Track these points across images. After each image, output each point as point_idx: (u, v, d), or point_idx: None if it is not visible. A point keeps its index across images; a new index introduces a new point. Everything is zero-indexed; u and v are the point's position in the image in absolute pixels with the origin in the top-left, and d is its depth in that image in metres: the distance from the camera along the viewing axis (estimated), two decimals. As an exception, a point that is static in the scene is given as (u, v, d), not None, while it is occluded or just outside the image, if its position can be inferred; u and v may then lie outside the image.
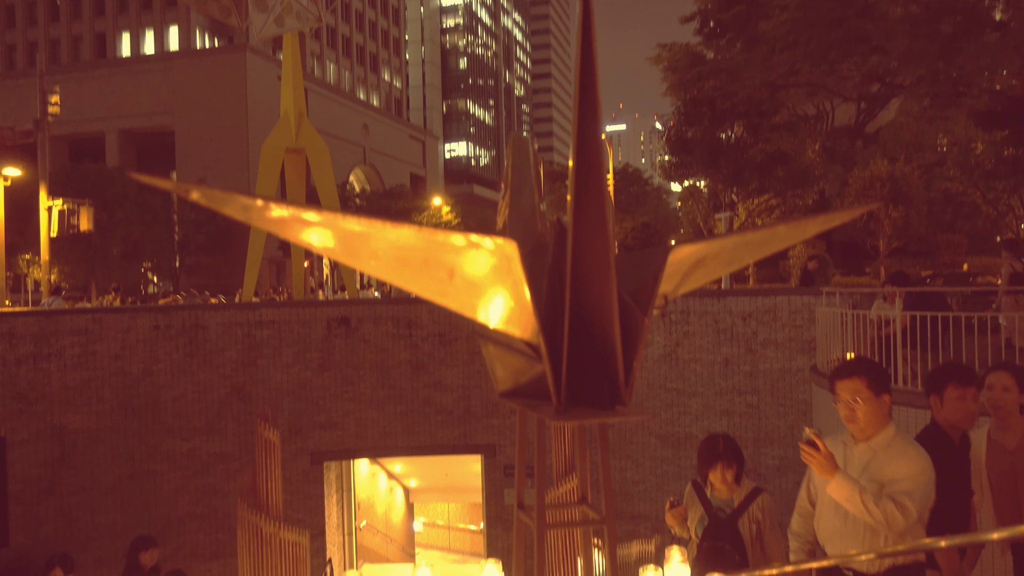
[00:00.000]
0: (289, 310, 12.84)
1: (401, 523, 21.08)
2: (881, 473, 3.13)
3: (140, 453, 12.03)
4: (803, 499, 3.55)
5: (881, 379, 3.26)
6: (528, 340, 1.12)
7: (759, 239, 1.09)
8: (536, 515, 1.11)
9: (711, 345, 12.26)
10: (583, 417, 1.05)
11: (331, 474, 13.68)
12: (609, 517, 1.15)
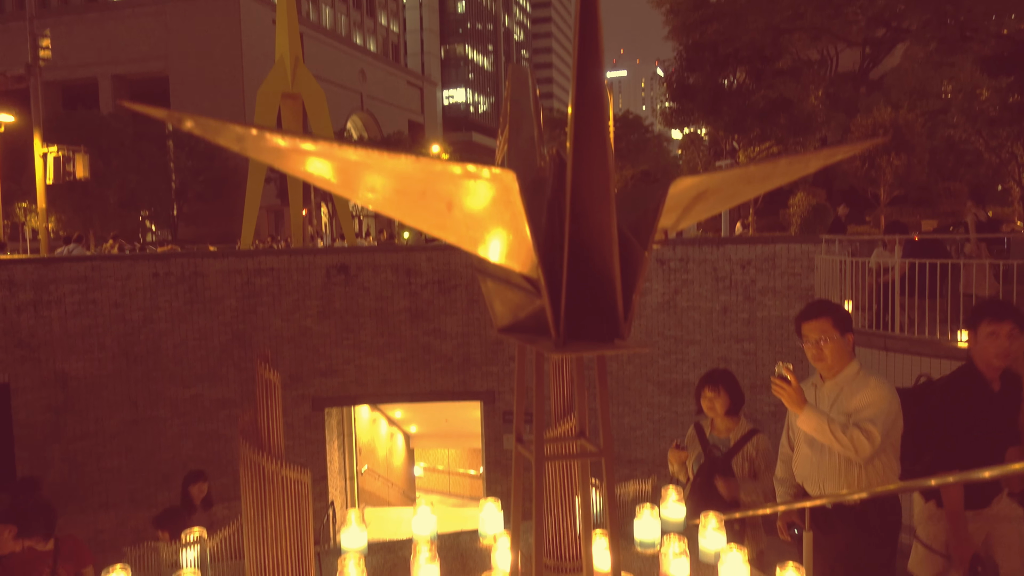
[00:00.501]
0: (288, 258, 12.83)
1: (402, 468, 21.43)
2: (847, 404, 3.33)
3: (143, 399, 12.15)
4: (784, 446, 3.75)
5: (845, 319, 3.47)
6: (527, 275, 1.12)
7: (760, 173, 1.08)
8: (535, 447, 1.12)
9: (709, 293, 12.29)
10: (582, 350, 1.05)
11: (332, 420, 13.85)
12: (607, 449, 1.16)
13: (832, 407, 3.40)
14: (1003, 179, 27.48)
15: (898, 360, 7.89)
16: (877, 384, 3.34)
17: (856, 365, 3.44)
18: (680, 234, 17.10)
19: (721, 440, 4.06)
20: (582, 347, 1.05)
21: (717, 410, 4.05)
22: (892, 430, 3.28)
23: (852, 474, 3.34)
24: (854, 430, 3.21)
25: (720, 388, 4.07)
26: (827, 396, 3.45)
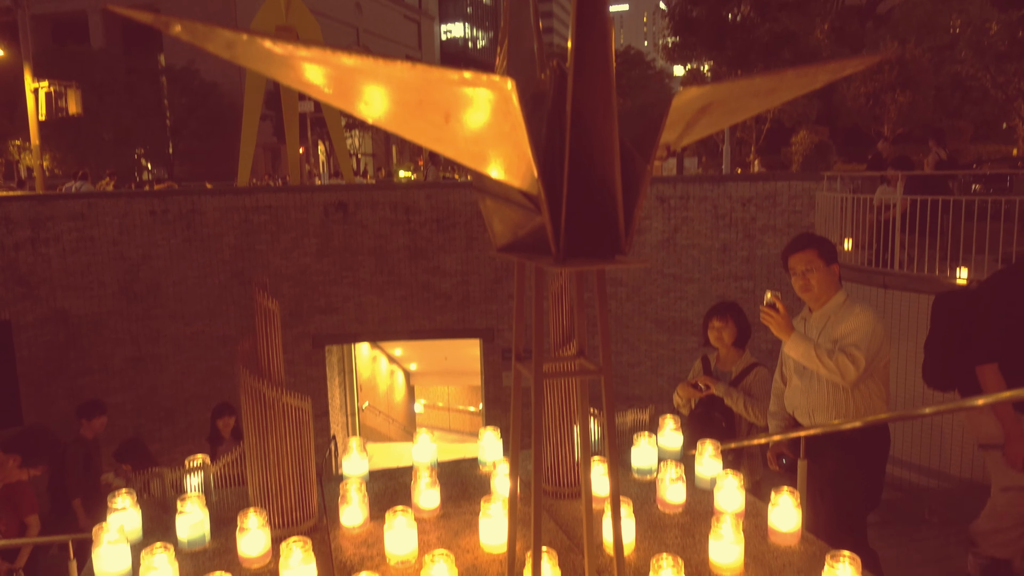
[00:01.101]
0: (286, 195, 12.74)
1: (402, 405, 21.70)
2: (834, 332, 3.42)
3: (144, 337, 12.22)
4: (777, 381, 3.82)
5: (830, 250, 3.51)
6: (526, 191, 1.10)
7: (767, 85, 1.05)
8: (534, 365, 1.12)
9: (709, 231, 12.26)
10: (582, 265, 1.04)
11: (333, 357, 13.97)
12: (606, 368, 1.16)
13: (820, 336, 3.47)
14: (1008, 116, 27.13)
15: (896, 297, 7.92)
16: (862, 311, 3.40)
17: (843, 295, 3.50)
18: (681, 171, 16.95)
19: (724, 373, 4.12)
20: (582, 262, 1.04)
21: (724, 340, 4.10)
22: (877, 356, 3.35)
23: (840, 401, 3.41)
24: (840, 355, 3.29)
25: (728, 318, 4.12)
26: (815, 326, 3.52)
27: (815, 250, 3.46)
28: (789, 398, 3.64)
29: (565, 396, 2.59)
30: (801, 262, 3.46)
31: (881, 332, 3.35)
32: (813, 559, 2.17)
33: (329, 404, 13.54)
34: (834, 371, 3.29)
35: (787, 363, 3.67)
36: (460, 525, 2.45)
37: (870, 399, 3.40)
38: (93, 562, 2.13)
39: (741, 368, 4.08)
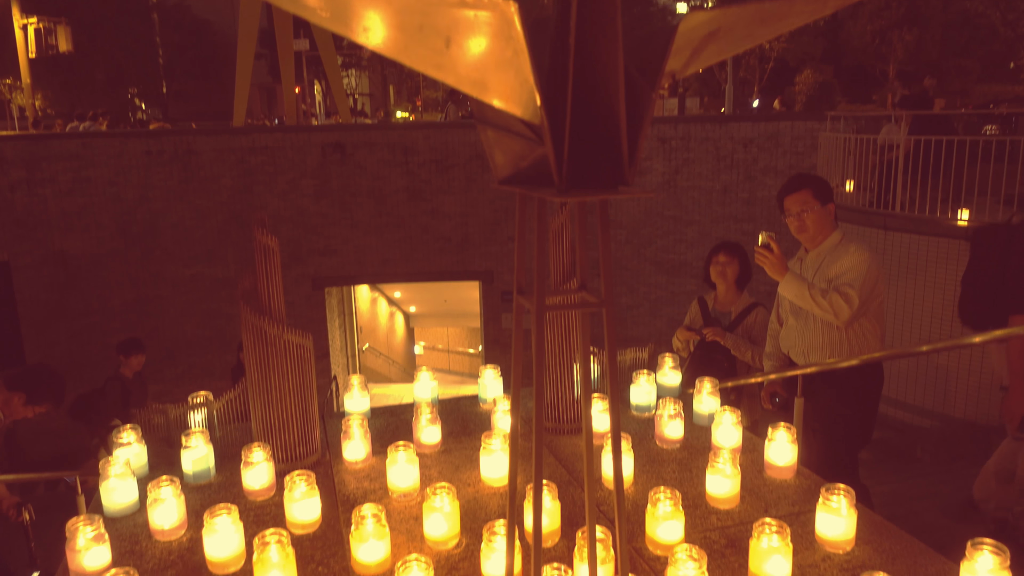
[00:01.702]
0: (282, 135, 12.59)
1: (402, 346, 21.86)
2: (829, 271, 3.42)
3: (144, 279, 12.23)
4: (773, 322, 3.83)
5: (825, 190, 3.50)
6: (528, 120, 1.07)
7: (776, 12, 1.02)
8: (535, 297, 1.12)
9: (710, 172, 12.16)
10: (585, 195, 1.02)
11: (332, 299, 14.01)
12: (608, 300, 1.15)
13: (814, 276, 3.47)
14: (1016, 55, 26.63)
15: (897, 239, 7.90)
16: (857, 250, 3.39)
17: (838, 235, 3.49)
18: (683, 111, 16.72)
19: (723, 314, 4.11)
20: (585, 192, 1.02)
21: (728, 277, 4.08)
22: (872, 294, 3.35)
23: (834, 340, 3.43)
24: (833, 294, 3.30)
25: (734, 255, 4.10)
26: (810, 266, 3.52)
27: (810, 190, 3.43)
28: (784, 338, 3.66)
29: (565, 334, 2.60)
30: (796, 203, 3.44)
31: (875, 271, 3.35)
32: (808, 492, 2.21)
33: (330, 346, 13.63)
34: (828, 310, 3.30)
35: (782, 304, 3.68)
36: (461, 460, 2.49)
37: (864, 338, 3.42)
38: (101, 495, 2.16)
39: (741, 308, 4.08)
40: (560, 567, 1.61)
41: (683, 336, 4.19)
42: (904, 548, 1.92)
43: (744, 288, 4.17)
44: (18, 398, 3.88)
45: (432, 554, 1.91)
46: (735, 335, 4.01)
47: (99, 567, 1.83)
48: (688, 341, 4.17)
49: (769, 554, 1.73)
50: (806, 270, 3.53)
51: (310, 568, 1.88)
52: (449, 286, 16.88)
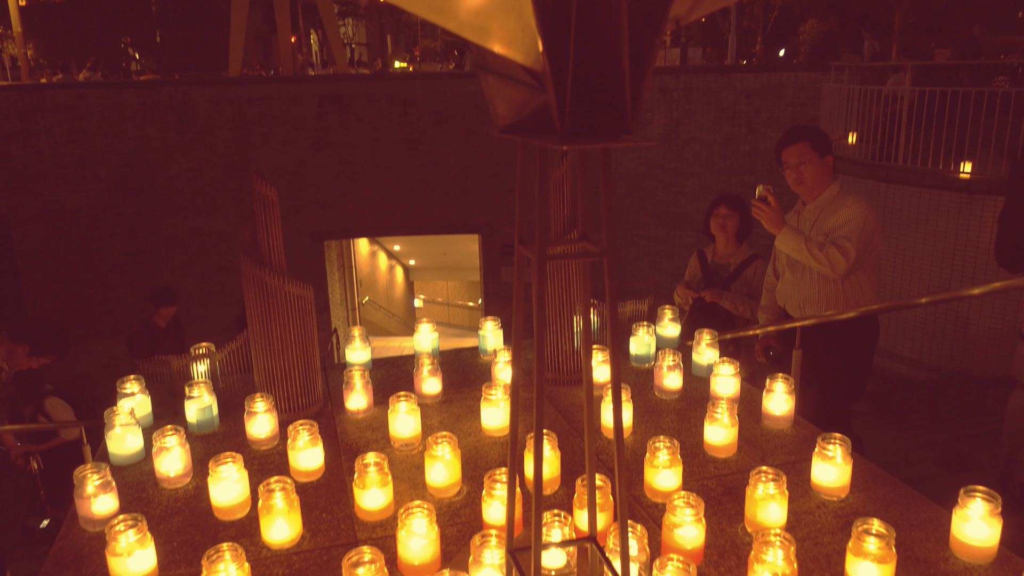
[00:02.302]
0: (279, 86, 12.42)
1: (401, 300, 21.91)
2: (826, 224, 3.41)
3: (142, 232, 12.19)
4: (770, 275, 3.81)
5: (823, 142, 3.46)
6: (530, 67, 1.06)
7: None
8: (536, 246, 1.11)
9: (712, 124, 12.03)
10: (587, 142, 1.01)
11: (332, 252, 13.99)
12: (609, 250, 1.15)
13: (812, 229, 3.45)
14: None
15: (898, 191, 7.86)
16: (854, 202, 3.37)
17: (836, 187, 3.46)
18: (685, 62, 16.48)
19: (722, 266, 4.11)
20: (587, 139, 1.01)
21: (728, 230, 4.06)
22: (869, 247, 3.34)
23: (830, 293, 3.43)
24: (830, 247, 3.29)
25: (736, 208, 4.07)
26: (808, 219, 3.50)
27: (808, 142, 3.40)
28: (781, 292, 3.67)
29: (565, 286, 2.61)
30: (794, 154, 3.41)
31: (873, 223, 3.34)
32: (805, 442, 2.24)
33: (330, 299, 13.66)
34: (824, 263, 3.29)
35: (779, 257, 3.67)
36: (462, 410, 2.51)
37: (860, 290, 3.43)
38: (106, 444, 2.19)
39: (740, 260, 4.07)
40: (560, 513, 1.64)
41: (682, 294, 4.19)
42: (898, 496, 1.95)
43: (744, 241, 4.16)
44: (22, 349, 3.91)
45: (434, 502, 1.95)
46: (733, 292, 4.01)
47: (107, 512, 1.86)
48: (688, 298, 4.17)
49: (765, 501, 1.76)
50: (803, 223, 3.51)
51: (314, 515, 1.91)
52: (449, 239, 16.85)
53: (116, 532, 1.61)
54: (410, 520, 1.63)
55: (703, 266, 4.17)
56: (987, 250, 7.04)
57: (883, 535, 1.54)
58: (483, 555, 1.53)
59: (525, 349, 2.75)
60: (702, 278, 4.13)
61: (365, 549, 1.49)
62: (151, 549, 1.65)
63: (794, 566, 1.50)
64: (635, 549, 1.54)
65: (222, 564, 1.50)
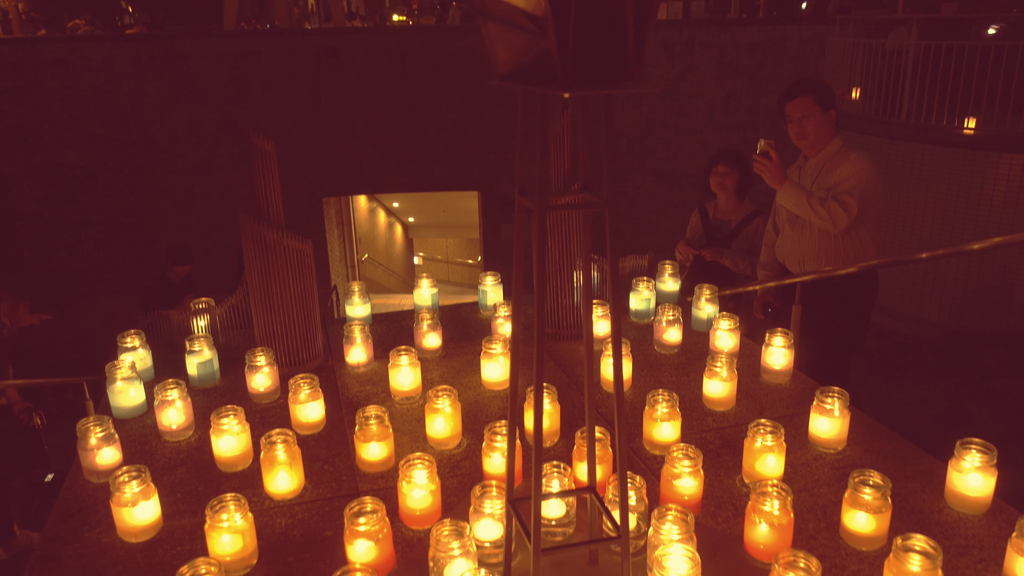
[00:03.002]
0: (275, 40, 12.22)
1: (401, 257, 21.89)
2: (828, 179, 3.37)
3: (140, 189, 12.11)
4: (769, 231, 3.78)
5: (827, 95, 3.41)
6: (531, 11, 1.04)
7: None
8: (537, 196, 1.10)
9: (714, 79, 11.87)
10: (589, 88, 1.00)
11: (331, 209, 13.93)
12: (610, 200, 1.14)
13: (814, 184, 3.42)
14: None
15: (901, 148, 7.79)
16: (857, 157, 3.34)
17: (839, 141, 3.42)
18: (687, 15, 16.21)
19: (723, 222, 4.07)
20: (589, 86, 1.00)
21: (727, 187, 4.02)
22: (870, 203, 3.32)
23: (830, 248, 3.42)
24: (832, 202, 3.27)
25: (734, 165, 4.03)
26: (810, 174, 3.46)
27: (811, 95, 3.34)
28: (780, 247, 3.65)
29: (565, 241, 2.60)
30: (797, 108, 3.36)
31: (875, 178, 3.31)
32: (803, 396, 2.25)
33: (329, 256, 13.63)
34: (825, 219, 3.28)
35: (780, 213, 3.64)
36: (462, 364, 2.52)
37: (860, 246, 3.42)
38: (108, 398, 2.20)
39: (741, 217, 4.04)
40: (560, 465, 1.65)
41: (683, 251, 4.16)
42: (894, 448, 1.97)
43: (745, 197, 4.12)
44: (24, 306, 3.91)
45: (434, 455, 1.97)
46: (733, 250, 3.98)
47: (111, 464, 1.88)
48: (688, 255, 4.15)
49: (763, 453, 1.78)
50: (804, 178, 3.48)
51: (316, 467, 1.93)
52: (448, 196, 16.77)
53: (120, 483, 1.62)
54: (411, 471, 1.65)
55: (704, 223, 4.14)
56: (989, 207, 7.01)
57: (879, 486, 1.56)
58: (483, 505, 1.55)
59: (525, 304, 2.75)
60: (703, 235, 4.10)
61: (367, 499, 1.51)
62: (155, 499, 1.67)
63: (791, 516, 1.52)
64: (634, 499, 1.56)
65: (225, 514, 1.51)
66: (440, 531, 1.42)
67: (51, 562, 1.60)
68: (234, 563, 1.51)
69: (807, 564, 1.31)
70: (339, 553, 1.58)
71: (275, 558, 1.58)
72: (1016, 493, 1.81)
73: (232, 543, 1.51)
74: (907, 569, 1.34)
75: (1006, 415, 5.12)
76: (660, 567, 1.33)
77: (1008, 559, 1.44)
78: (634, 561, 1.52)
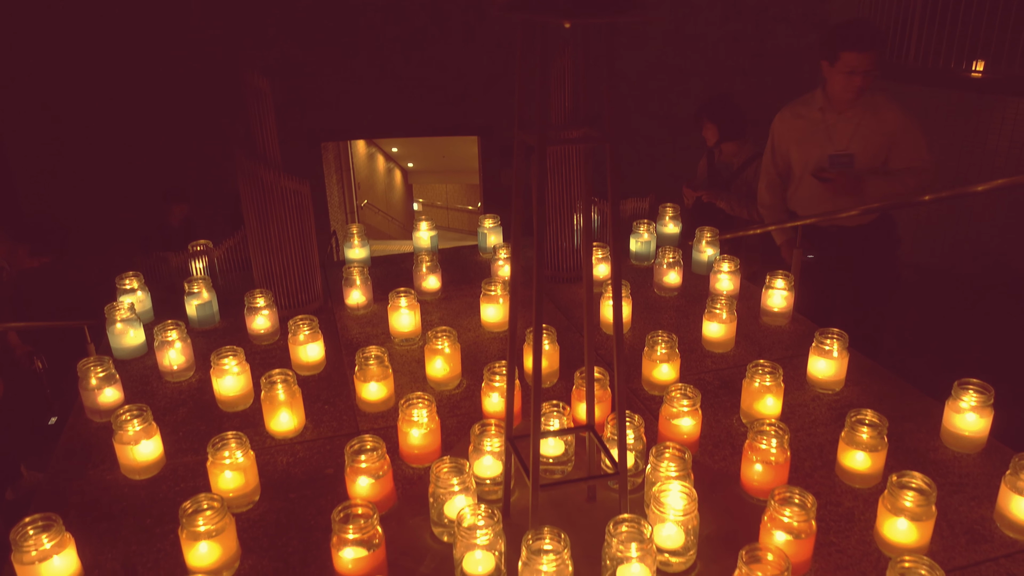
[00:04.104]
0: (270, -20, 11.91)
1: (400, 203, 21.77)
2: (867, 127, 3.16)
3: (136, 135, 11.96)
4: (769, 171, 3.51)
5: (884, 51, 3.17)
6: (532, -64, 1.00)
7: None
8: (537, 130, 1.08)
9: (718, 20, 11.62)
10: (592, 16, 0.97)
11: (329, 155, 13.79)
12: (611, 134, 1.12)
13: (853, 138, 3.21)
14: None
15: (907, 91, 7.67)
16: (888, 103, 3.18)
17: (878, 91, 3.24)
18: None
19: (726, 165, 4.02)
20: (590, 13, 0.96)
21: (711, 142, 3.97)
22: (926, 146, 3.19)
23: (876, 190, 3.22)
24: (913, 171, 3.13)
25: (710, 120, 3.95)
26: (844, 130, 3.22)
27: (879, 52, 3.10)
28: (798, 199, 3.46)
29: (565, 185, 2.57)
30: (868, 62, 3.08)
31: (918, 125, 3.19)
32: (802, 338, 2.25)
33: (328, 202, 13.55)
34: (920, 181, 3.15)
35: (793, 163, 3.44)
36: (461, 307, 2.52)
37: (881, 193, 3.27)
38: (108, 340, 2.21)
39: (741, 160, 3.96)
40: (559, 404, 1.66)
41: (686, 193, 4.10)
42: (891, 389, 1.98)
43: (741, 137, 3.98)
44: (23, 249, 3.89)
45: (434, 395, 1.98)
46: (732, 193, 3.92)
47: (112, 403, 1.89)
48: (691, 197, 4.10)
49: (761, 393, 1.78)
50: (839, 133, 3.23)
51: (316, 407, 1.94)
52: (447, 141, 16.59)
53: (122, 421, 1.63)
54: (411, 410, 1.66)
55: (710, 165, 4.11)
56: (994, 151, 6.93)
57: (876, 425, 1.57)
58: (483, 443, 1.56)
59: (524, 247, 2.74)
60: (707, 177, 4.07)
61: (367, 437, 1.52)
62: (157, 438, 1.68)
63: (787, 454, 1.53)
64: (632, 438, 1.57)
65: (227, 451, 1.53)
66: (440, 468, 1.43)
67: (56, 498, 1.62)
68: (237, 499, 1.53)
69: (802, 500, 1.32)
70: (340, 490, 1.60)
71: (277, 495, 1.60)
72: (1010, 432, 1.82)
73: (234, 480, 1.53)
74: (901, 505, 1.36)
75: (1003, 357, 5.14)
76: (657, 503, 1.35)
77: (1002, 496, 1.45)
78: (632, 498, 1.54)
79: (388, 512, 1.52)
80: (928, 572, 1.17)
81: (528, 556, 1.21)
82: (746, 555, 1.19)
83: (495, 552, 1.30)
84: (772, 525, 1.32)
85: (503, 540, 1.30)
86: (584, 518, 1.49)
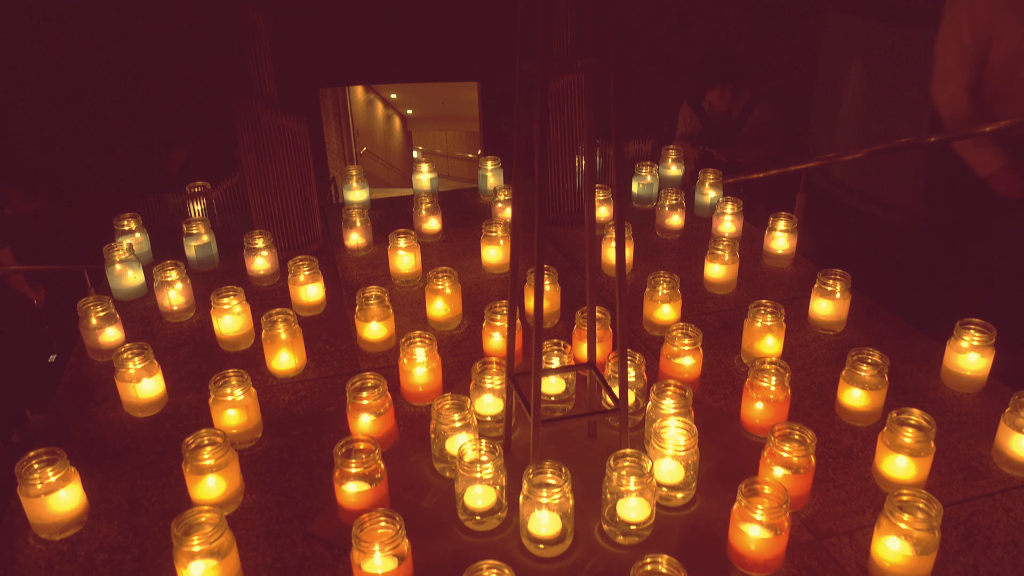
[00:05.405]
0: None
1: (399, 151, 21.58)
2: None
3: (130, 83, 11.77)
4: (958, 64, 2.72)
5: None
6: None
7: None
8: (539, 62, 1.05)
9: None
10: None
11: (327, 101, 13.62)
12: (615, 63, 1.09)
13: None
14: None
15: (917, 37, 7.52)
16: None
17: None
18: None
19: (723, 115, 3.84)
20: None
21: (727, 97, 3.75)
22: None
23: None
24: None
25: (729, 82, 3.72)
26: None
27: None
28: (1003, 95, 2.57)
29: (567, 125, 2.53)
30: None
31: None
32: (804, 280, 2.24)
33: (327, 148, 13.43)
34: None
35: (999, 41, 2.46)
36: (461, 248, 2.51)
37: None
38: (108, 280, 2.20)
39: (741, 107, 3.82)
40: (559, 343, 1.66)
41: (688, 152, 3.86)
42: (893, 330, 1.98)
43: (737, 87, 3.84)
44: (16, 192, 3.87)
45: (435, 335, 1.97)
46: (744, 143, 3.77)
47: (114, 342, 1.89)
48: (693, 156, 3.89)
49: (762, 333, 1.78)
50: None
51: (317, 347, 1.94)
52: (447, 87, 16.36)
53: (124, 359, 1.63)
54: (412, 348, 1.66)
55: (701, 118, 3.89)
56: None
57: (877, 364, 1.57)
58: (484, 380, 1.56)
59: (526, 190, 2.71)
60: (703, 132, 3.87)
61: (368, 374, 1.52)
62: (159, 376, 1.68)
63: (788, 393, 1.54)
64: (633, 376, 1.57)
65: (229, 388, 1.53)
66: (442, 404, 1.44)
67: (60, 435, 1.63)
68: (239, 435, 1.54)
69: (802, 436, 1.33)
70: (342, 428, 1.61)
71: (279, 431, 1.61)
72: (1010, 373, 1.82)
73: (236, 417, 1.53)
74: (900, 441, 1.36)
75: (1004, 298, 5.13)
76: (658, 438, 1.36)
77: (1000, 433, 1.46)
78: (632, 435, 1.55)
79: (390, 449, 1.53)
80: (925, 505, 1.18)
81: (529, 489, 1.22)
82: (745, 488, 1.20)
83: (496, 486, 1.31)
84: (772, 461, 1.33)
85: (504, 475, 1.31)
86: (585, 454, 1.51)
